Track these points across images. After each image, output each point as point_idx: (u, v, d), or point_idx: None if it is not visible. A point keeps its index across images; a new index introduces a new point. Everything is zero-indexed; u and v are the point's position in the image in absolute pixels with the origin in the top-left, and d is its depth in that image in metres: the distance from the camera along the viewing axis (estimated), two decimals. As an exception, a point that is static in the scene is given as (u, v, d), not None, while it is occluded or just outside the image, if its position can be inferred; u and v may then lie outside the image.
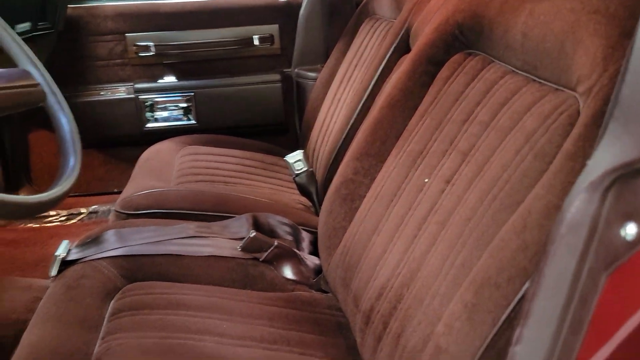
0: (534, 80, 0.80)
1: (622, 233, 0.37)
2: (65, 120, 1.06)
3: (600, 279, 0.38)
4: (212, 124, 2.14)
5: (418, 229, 0.90)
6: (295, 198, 1.65)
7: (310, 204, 1.62)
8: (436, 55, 1.07)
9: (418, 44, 1.13)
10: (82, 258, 1.14)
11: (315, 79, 2.06)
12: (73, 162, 1.03)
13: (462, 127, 0.91)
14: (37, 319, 1.00)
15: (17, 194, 2.15)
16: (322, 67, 2.03)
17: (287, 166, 1.65)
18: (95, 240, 1.19)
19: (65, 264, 1.13)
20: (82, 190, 2.21)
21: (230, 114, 2.15)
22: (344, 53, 1.93)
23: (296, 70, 2.18)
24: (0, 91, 0.91)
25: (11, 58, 1.03)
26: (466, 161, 0.86)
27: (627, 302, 0.37)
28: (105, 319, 1.01)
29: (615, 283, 0.38)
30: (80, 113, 2.11)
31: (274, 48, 2.19)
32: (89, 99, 2.08)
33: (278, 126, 2.21)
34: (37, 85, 1.02)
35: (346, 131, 1.50)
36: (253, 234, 1.19)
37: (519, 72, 0.85)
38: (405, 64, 1.15)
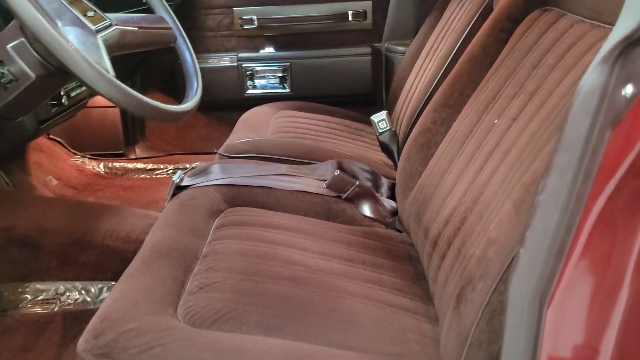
0: (599, 26, 0.88)
1: (623, 93, 0.47)
2: (189, 56, 1.26)
3: (607, 134, 0.49)
4: (304, 93, 2.31)
5: (484, 162, 1.01)
6: (378, 157, 1.78)
7: (391, 162, 1.74)
8: (515, 12, 1.17)
9: (500, 4, 1.22)
10: (193, 184, 1.34)
11: (403, 53, 2.18)
12: (196, 85, 1.22)
13: (532, 72, 1.01)
14: (157, 227, 1.20)
15: (134, 148, 2.44)
16: (411, 42, 2.13)
17: (373, 131, 1.78)
18: (203, 172, 1.39)
19: (179, 188, 1.34)
20: (187, 149, 2.46)
21: (321, 84, 2.31)
22: (432, 27, 2.03)
23: (386, 44, 2.30)
24: (142, 30, 1.12)
25: (150, 6, 1.25)
26: (532, 100, 0.95)
27: (623, 147, 0.48)
28: (211, 231, 1.20)
29: (616, 136, 0.49)
30: (190, 79, 2.37)
31: (366, 23, 2.33)
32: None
33: (366, 97, 2.34)
34: (169, 29, 1.23)
35: (428, 93, 1.61)
36: (337, 172, 1.34)
37: (586, 20, 0.93)
38: (486, 22, 1.25)
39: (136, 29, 1.10)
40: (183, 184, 1.34)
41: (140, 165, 2.35)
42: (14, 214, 1.54)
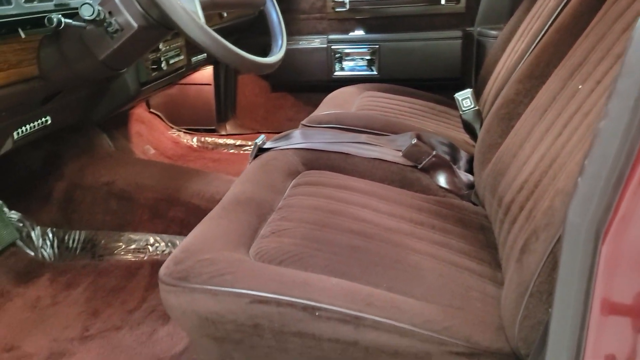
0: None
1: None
2: (276, 16, 1.32)
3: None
4: (391, 75, 2.32)
5: (564, 126, 0.98)
6: (461, 137, 1.76)
7: (473, 142, 1.72)
8: (610, -21, 1.12)
9: (594, -27, 1.18)
10: (274, 147, 1.40)
11: (496, 37, 2.13)
12: (281, 42, 1.28)
13: (621, 36, 0.97)
14: (238, 182, 1.27)
15: (225, 125, 2.57)
16: (504, 25, 2.08)
17: (458, 114, 1.76)
18: (285, 137, 1.45)
19: (261, 150, 1.40)
20: (274, 128, 2.55)
21: (409, 67, 2.31)
22: (527, 10, 1.97)
23: (479, 28, 2.26)
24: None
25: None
26: (617, 62, 0.92)
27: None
28: (288, 188, 1.25)
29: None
30: (280, 60, 2.46)
31: (459, 7, 2.30)
32: (289, 47, 2.39)
33: (454, 81, 2.31)
34: (259, -9, 1.30)
35: (516, 69, 1.57)
36: (415, 141, 1.35)
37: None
38: (578, -9, 1.20)
39: (227, -14, 1.17)
40: (265, 146, 1.41)
41: (229, 141, 2.47)
42: (114, 171, 1.69)
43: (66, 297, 1.42)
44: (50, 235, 1.58)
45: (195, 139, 2.47)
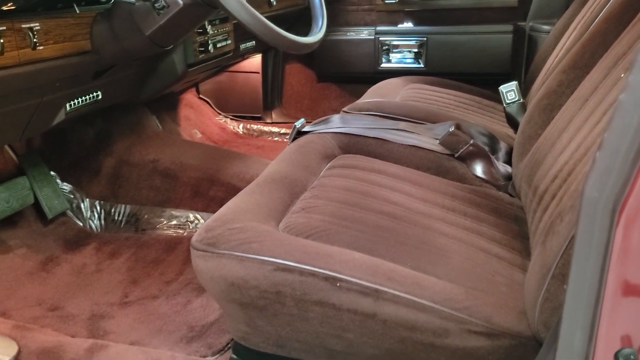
0: None
1: None
2: None
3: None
4: (438, 69, 2.30)
5: (603, 114, 0.96)
6: (504, 131, 1.73)
7: (515, 136, 1.69)
8: (662, -33, 1.09)
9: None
10: (312, 131, 1.43)
11: (548, 32, 2.08)
12: (321, 23, 1.31)
13: (669, 23, 0.94)
14: (274, 162, 1.30)
15: (271, 113, 2.62)
16: (558, 20, 2.03)
17: (502, 110, 1.73)
18: (324, 121, 1.47)
19: (300, 133, 1.43)
20: (318, 118, 2.57)
21: (457, 61, 2.28)
22: (582, 5, 1.91)
23: (531, 23, 2.22)
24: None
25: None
26: (663, 48, 0.89)
27: None
28: (323, 170, 1.28)
29: None
30: (327, 50, 2.48)
31: (511, 1, 2.25)
32: (335, 38, 2.42)
33: (503, 77, 2.27)
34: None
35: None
36: (452, 128, 1.34)
37: None
38: (629, -20, 1.17)
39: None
40: (304, 129, 1.43)
41: (274, 129, 2.52)
42: (160, 150, 1.75)
43: (109, 265, 1.49)
44: (98, 207, 1.66)
45: (241, 126, 2.53)
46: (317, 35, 1.27)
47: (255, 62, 2.53)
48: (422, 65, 2.35)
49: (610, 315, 0.59)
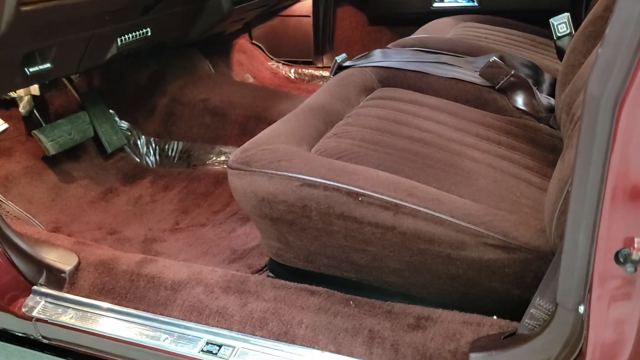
0: None
1: None
2: None
3: None
4: (493, 7, 2.22)
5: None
6: (555, 67, 1.68)
7: (568, 72, 1.63)
8: None
9: None
10: (353, 65, 1.44)
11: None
12: None
13: None
14: (314, 94, 1.33)
15: (322, 58, 2.63)
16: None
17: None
18: (364, 55, 1.48)
19: (340, 68, 1.45)
20: (370, 62, 2.56)
21: (510, -1, 2.20)
22: None
23: (593, -45, 2.09)
24: None
25: None
26: None
27: None
28: (361, 102, 1.30)
29: None
30: (378, -8, 2.45)
31: None
32: (387, -22, 2.38)
33: (561, 14, 2.17)
34: None
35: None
36: (493, 58, 1.32)
37: None
38: None
39: None
40: (344, 64, 1.45)
41: (325, 74, 2.53)
42: (211, 90, 1.82)
43: (163, 197, 1.59)
44: (153, 144, 1.76)
45: (292, 70, 2.56)
46: None
47: (306, 5, 2.54)
48: (475, 4, 2.27)
49: (610, 215, 0.60)
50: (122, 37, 1.30)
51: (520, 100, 1.31)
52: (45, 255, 1.07)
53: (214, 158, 1.71)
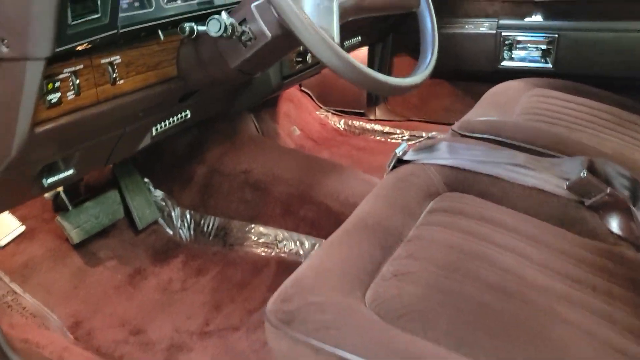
0: None
1: None
2: (430, 25, 1.16)
3: None
4: (570, 70, 2.01)
5: None
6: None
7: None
8: None
9: None
10: (415, 160, 1.26)
11: None
12: (429, 58, 1.13)
13: None
14: (369, 198, 1.16)
15: (375, 109, 2.46)
16: None
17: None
18: (429, 148, 1.30)
19: (400, 162, 1.27)
20: (426, 117, 2.38)
21: (593, 62, 1.98)
22: None
23: (690, 20, 1.85)
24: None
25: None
26: None
27: None
28: (423, 213, 1.12)
29: None
30: (441, 43, 2.24)
31: (667, -7, 1.90)
32: (451, 31, 2.18)
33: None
34: (416, -8, 1.14)
35: None
36: (585, 174, 1.12)
37: None
38: None
39: (379, -10, 1.04)
40: (405, 157, 1.27)
41: (377, 127, 2.36)
42: (254, 159, 1.67)
43: (194, 283, 1.45)
44: (189, 217, 1.63)
45: (342, 122, 2.40)
46: (422, 73, 1.09)
47: (361, 54, 2.37)
48: (550, 65, 2.06)
49: None
50: (158, 126, 1.16)
51: (615, 223, 1.10)
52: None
53: (254, 239, 1.56)
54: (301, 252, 1.50)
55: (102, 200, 1.42)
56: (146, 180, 1.61)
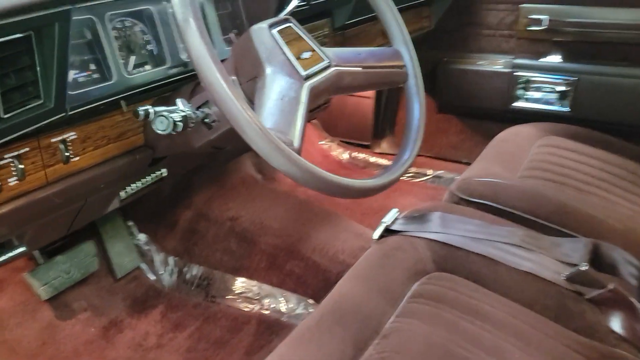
0: None
1: None
2: (417, 107, 1.07)
3: None
4: (587, 116, 1.90)
5: None
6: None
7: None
8: None
9: None
10: (404, 231, 1.17)
11: None
12: (407, 156, 1.04)
13: None
14: (351, 274, 1.08)
15: (381, 142, 2.36)
16: None
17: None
18: (420, 217, 1.20)
19: (388, 231, 1.18)
20: (434, 153, 2.28)
21: (611, 109, 1.86)
22: None
23: None
24: (365, 71, 0.96)
25: (388, 35, 1.07)
26: None
27: None
28: (405, 299, 1.03)
29: None
30: (452, 79, 2.15)
31: (695, 39, 1.77)
32: (464, 67, 2.08)
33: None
34: (402, 67, 1.05)
35: None
36: (585, 267, 1.02)
37: None
38: None
39: (359, 69, 0.95)
40: (394, 227, 1.18)
41: (382, 161, 2.27)
42: (242, 205, 1.60)
43: (171, 339, 1.38)
44: (172, 263, 1.56)
45: (346, 154, 2.31)
46: (395, 173, 0.99)
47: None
48: (566, 109, 1.94)
49: None
50: (128, 189, 1.09)
51: (616, 322, 1.00)
52: None
53: (237, 292, 1.48)
54: (284, 310, 1.42)
55: (74, 254, 1.36)
56: (130, 223, 1.55)
